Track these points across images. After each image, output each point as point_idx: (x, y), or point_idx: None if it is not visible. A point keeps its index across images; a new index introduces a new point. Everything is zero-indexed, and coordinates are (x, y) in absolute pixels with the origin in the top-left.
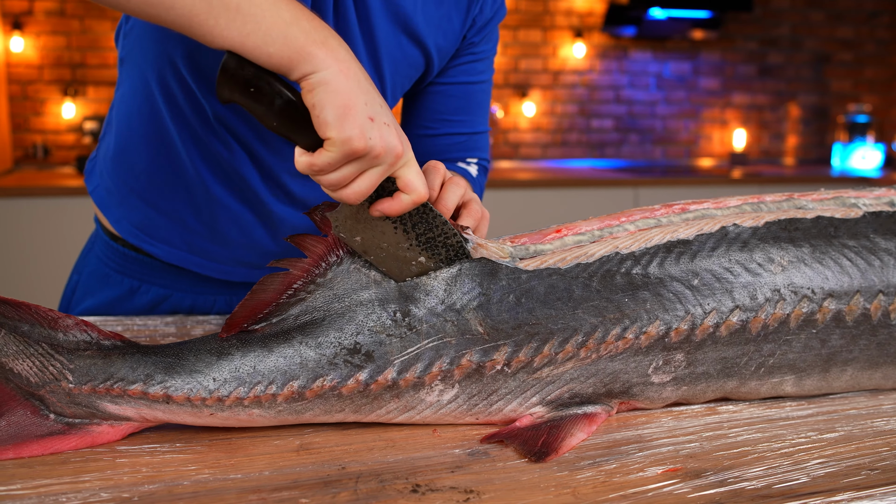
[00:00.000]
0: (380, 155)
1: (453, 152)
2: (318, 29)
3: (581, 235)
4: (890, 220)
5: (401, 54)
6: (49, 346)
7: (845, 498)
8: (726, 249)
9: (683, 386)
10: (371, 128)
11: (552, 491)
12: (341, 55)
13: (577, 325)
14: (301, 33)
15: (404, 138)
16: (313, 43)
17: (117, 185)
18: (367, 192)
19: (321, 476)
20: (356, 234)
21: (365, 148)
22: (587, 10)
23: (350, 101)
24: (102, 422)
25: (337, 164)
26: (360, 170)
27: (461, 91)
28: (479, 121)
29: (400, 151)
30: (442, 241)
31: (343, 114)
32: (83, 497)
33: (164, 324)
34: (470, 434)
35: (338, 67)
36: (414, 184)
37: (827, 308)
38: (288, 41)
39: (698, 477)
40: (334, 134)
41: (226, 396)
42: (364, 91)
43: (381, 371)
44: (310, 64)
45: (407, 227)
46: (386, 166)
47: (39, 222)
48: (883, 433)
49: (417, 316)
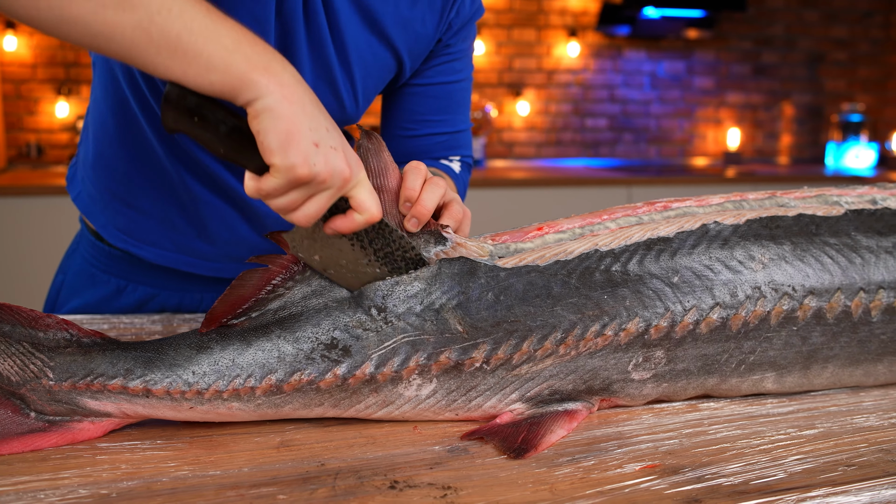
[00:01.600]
0: (326, 180)
1: (435, 152)
2: (261, 54)
3: (562, 233)
4: (871, 217)
5: (371, 56)
6: (30, 345)
7: (821, 493)
8: (707, 247)
9: (664, 383)
10: (316, 154)
11: (529, 487)
12: (285, 80)
13: (555, 322)
14: (243, 60)
15: (354, 159)
16: (255, 69)
17: (99, 190)
18: (316, 215)
19: (300, 472)
20: (314, 252)
21: (309, 174)
22: (581, 9)
23: (293, 127)
24: (83, 419)
25: (283, 189)
26: (308, 194)
27: (440, 91)
28: (459, 119)
29: (347, 175)
30: (401, 255)
31: (286, 140)
32: (61, 494)
33: (151, 322)
34: (450, 431)
35: (281, 93)
36: (366, 204)
37: (808, 305)
38: (229, 69)
39: (676, 473)
40: (278, 161)
41: (205, 389)
42: (309, 116)
43: (359, 365)
44: (252, 91)
45: (364, 244)
46: (334, 190)
47: (33, 221)
48: (862, 430)
49: (395, 313)
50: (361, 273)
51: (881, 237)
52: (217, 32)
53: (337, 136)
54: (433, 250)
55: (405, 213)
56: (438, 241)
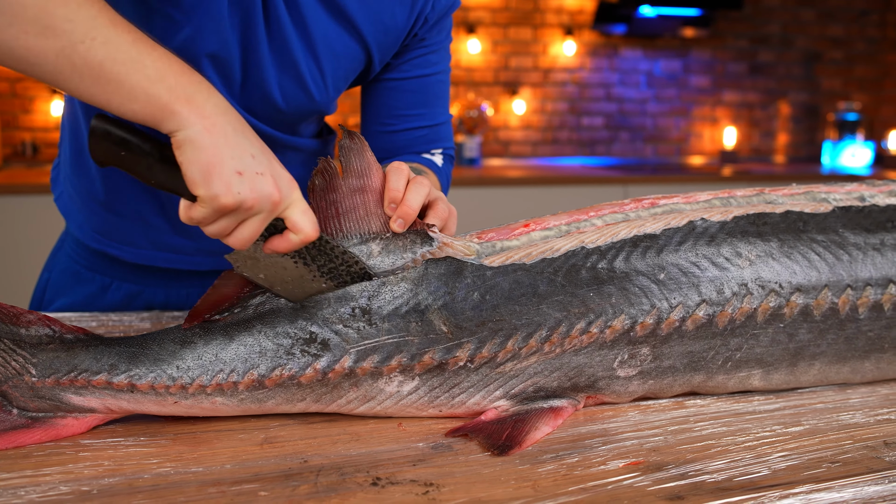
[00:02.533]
0: (253, 206)
1: (416, 146)
2: (184, 85)
3: (548, 230)
4: (859, 214)
5: (341, 46)
6: (11, 342)
7: (804, 490)
8: (693, 244)
9: (650, 380)
10: (240, 182)
11: (512, 484)
12: (208, 110)
13: (541, 320)
14: (165, 91)
15: (285, 181)
16: (178, 100)
17: (78, 190)
18: (250, 239)
19: (283, 469)
20: (258, 271)
21: (234, 203)
22: (577, 7)
23: (214, 158)
24: (67, 414)
25: (211, 218)
26: (238, 220)
27: (417, 85)
28: (438, 112)
29: (277, 199)
30: (345, 270)
31: (208, 171)
32: (42, 490)
33: (140, 319)
34: (435, 428)
35: (202, 125)
36: (300, 224)
37: (795, 302)
38: (150, 100)
39: (660, 470)
40: (202, 192)
41: (189, 384)
42: (232, 145)
43: (338, 359)
44: (174, 122)
45: (307, 261)
46: (265, 214)
47: (28, 220)
48: (848, 427)
49: (380, 314)
50: (308, 289)
51: (869, 234)
52: (141, 62)
53: (265, 161)
54: (419, 251)
55: (390, 214)
56: (425, 241)
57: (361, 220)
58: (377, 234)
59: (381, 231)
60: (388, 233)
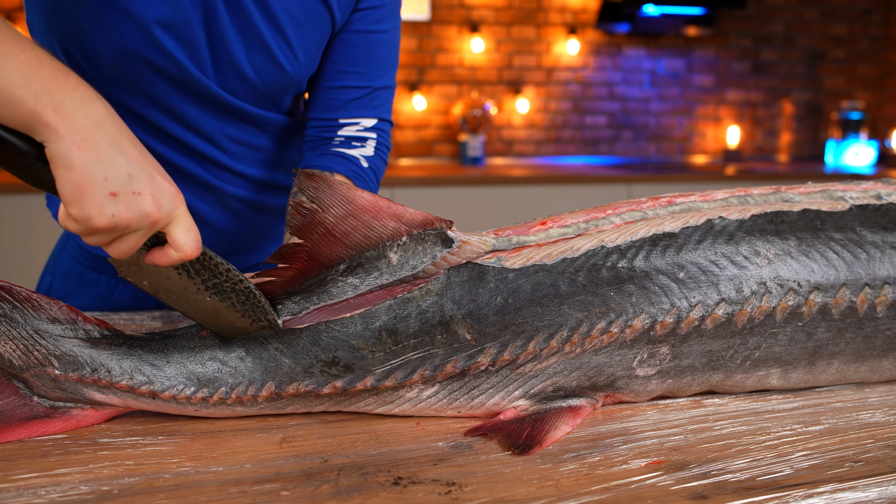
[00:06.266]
0: (129, 225)
1: (350, 110)
2: (52, 92)
3: (566, 227)
4: (877, 213)
5: (303, 12)
6: (33, 330)
7: (828, 489)
8: (712, 242)
9: (669, 379)
10: (114, 204)
11: (535, 483)
12: (79, 122)
13: (562, 321)
14: (30, 97)
15: (167, 198)
16: (44, 108)
17: None
18: (128, 252)
19: (303, 469)
20: (142, 278)
21: (107, 224)
22: (581, 6)
23: (86, 179)
24: (86, 405)
25: (85, 234)
26: (113, 237)
27: (357, 40)
28: (376, 74)
29: (156, 217)
30: (230, 287)
31: (79, 193)
32: (62, 490)
33: (151, 318)
34: (454, 427)
35: (73, 139)
36: (180, 242)
37: (813, 301)
38: (15, 105)
39: (682, 469)
40: (74, 212)
41: (209, 396)
42: (106, 163)
43: (360, 379)
44: (43, 133)
45: (191, 274)
46: (144, 231)
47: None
48: (868, 426)
49: (406, 332)
50: (193, 300)
51: (886, 232)
52: (5, 66)
53: (143, 178)
54: (440, 253)
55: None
56: (445, 242)
57: (366, 237)
58: (390, 243)
59: (393, 239)
60: (403, 237)
